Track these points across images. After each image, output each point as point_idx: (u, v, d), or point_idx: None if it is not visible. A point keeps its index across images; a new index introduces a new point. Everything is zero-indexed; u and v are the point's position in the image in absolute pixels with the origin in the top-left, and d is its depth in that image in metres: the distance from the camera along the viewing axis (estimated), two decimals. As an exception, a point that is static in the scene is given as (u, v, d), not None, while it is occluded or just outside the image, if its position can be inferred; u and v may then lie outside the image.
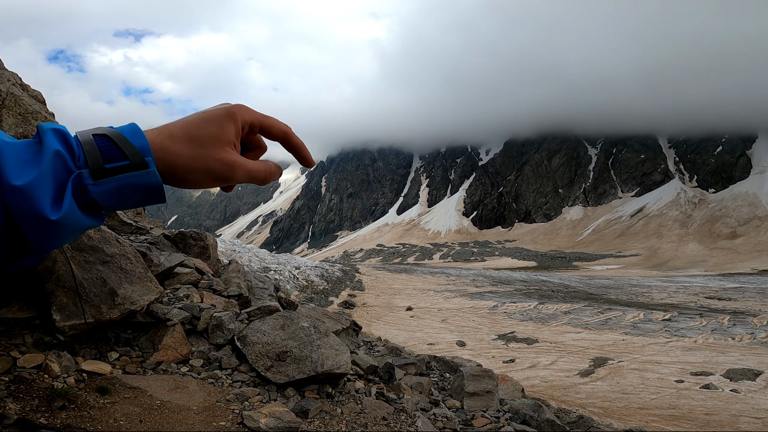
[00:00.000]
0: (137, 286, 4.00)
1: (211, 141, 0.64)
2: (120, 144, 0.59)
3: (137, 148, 0.59)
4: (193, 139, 0.63)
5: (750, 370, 14.16)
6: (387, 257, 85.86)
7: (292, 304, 7.43)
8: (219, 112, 0.66)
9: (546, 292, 32.47)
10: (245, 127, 0.68)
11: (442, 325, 22.26)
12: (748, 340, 18.50)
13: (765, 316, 22.92)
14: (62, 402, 2.56)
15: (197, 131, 0.64)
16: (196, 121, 0.65)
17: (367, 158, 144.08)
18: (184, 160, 0.62)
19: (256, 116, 0.69)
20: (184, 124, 0.65)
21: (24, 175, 0.52)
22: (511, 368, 15.05)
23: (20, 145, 0.55)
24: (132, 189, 0.59)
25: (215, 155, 0.64)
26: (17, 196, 0.51)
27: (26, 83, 5.56)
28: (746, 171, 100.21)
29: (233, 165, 0.65)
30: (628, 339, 19.14)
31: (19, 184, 0.51)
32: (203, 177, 0.64)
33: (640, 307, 26.15)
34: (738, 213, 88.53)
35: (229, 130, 0.65)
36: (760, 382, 13.24)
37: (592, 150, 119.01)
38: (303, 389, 4.03)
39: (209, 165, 0.63)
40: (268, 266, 28.22)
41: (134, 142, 0.60)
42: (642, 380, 13.63)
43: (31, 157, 0.54)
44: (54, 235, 0.54)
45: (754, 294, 31.59)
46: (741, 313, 24.07)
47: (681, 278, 45.48)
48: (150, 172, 0.59)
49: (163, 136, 0.63)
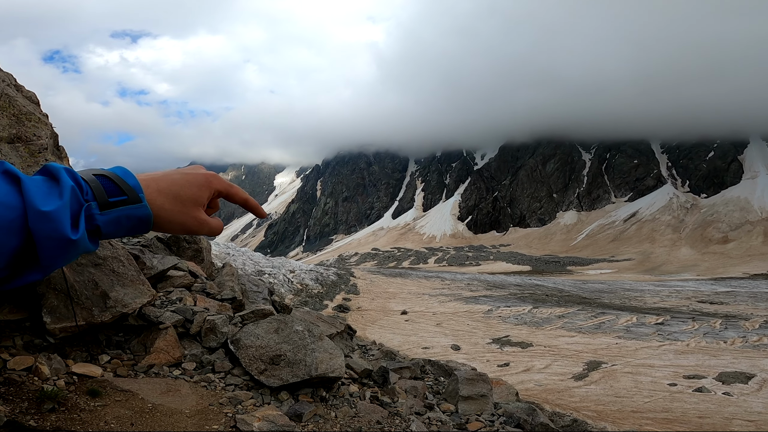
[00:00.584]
0: (129, 288, 3.97)
1: (190, 202, 0.81)
2: (118, 182, 0.73)
3: (131, 186, 0.74)
4: (177, 197, 0.79)
5: (742, 373, 14.26)
6: (382, 261, 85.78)
7: (286, 307, 7.40)
8: (199, 178, 0.83)
9: (540, 296, 32.56)
10: (215, 193, 0.85)
11: (436, 329, 22.24)
12: (740, 344, 18.64)
13: (757, 319, 23.12)
14: (52, 404, 2.53)
15: (180, 191, 0.80)
16: (180, 182, 0.81)
17: (363, 162, 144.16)
18: (167, 213, 0.78)
19: (225, 185, 0.86)
20: (171, 182, 0.80)
21: (49, 204, 0.64)
22: (506, 372, 15.05)
23: (38, 180, 0.67)
24: (128, 219, 0.73)
25: (191, 213, 0.81)
26: (44, 220, 0.63)
27: (21, 84, 5.52)
28: (738, 176, 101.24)
29: (203, 223, 0.83)
30: (621, 343, 19.23)
31: (47, 209, 0.63)
32: (178, 227, 0.80)
33: (633, 311, 26.28)
34: (729, 218, 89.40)
35: (205, 194, 0.82)
36: (753, 385, 13.33)
37: (586, 155, 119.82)
38: (297, 393, 4.00)
39: (185, 220, 0.80)
40: (262, 269, 28.09)
41: (128, 181, 0.74)
42: (635, 384, 13.68)
43: (49, 190, 0.66)
44: (68, 254, 0.66)
45: (746, 298, 31.87)
46: (733, 317, 24.27)
47: (673, 282, 45.82)
48: (143, 205, 0.74)
49: (152, 189, 0.77)
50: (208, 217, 0.84)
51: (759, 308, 27.81)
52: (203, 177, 0.83)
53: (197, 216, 0.81)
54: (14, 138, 4.83)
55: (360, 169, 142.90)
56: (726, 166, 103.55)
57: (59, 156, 5.51)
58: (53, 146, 5.34)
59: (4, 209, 0.61)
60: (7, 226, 0.61)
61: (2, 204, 0.61)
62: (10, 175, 0.65)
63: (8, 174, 0.65)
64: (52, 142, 5.31)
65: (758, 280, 48.32)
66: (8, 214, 0.61)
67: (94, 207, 0.70)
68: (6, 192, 0.62)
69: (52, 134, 5.32)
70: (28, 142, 4.90)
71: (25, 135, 4.88)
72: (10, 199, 0.62)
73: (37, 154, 4.95)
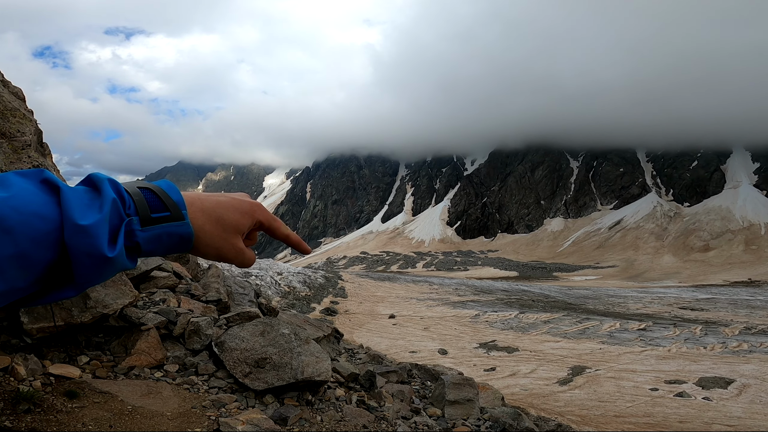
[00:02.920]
0: (111, 289, 3.89)
1: (232, 228, 0.75)
2: (161, 197, 0.69)
3: (175, 202, 0.69)
4: (219, 220, 0.74)
5: (722, 378, 14.52)
6: (370, 265, 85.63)
7: (272, 310, 7.33)
8: (245, 205, 0.78)
9: (527, 301, 32.81)
10: (257, 224, 0.80)
11: (424, 333, 22.25)
12: (719, 350, 18.99)
13: (736, 326, 23.59)
14: (27, 405, 2.45)
15: (224, 214, 0.75)
16: (225, 204, 0.76)
17: (353, 165, 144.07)
18: (206, 236, 0.73)
19: (268, 217, 0.81)
20: (216, 204, 0.75)
21: (88, 217, 0.59)
22: (492, 376, 15.11)
23: (80, 190, 0.63)
24: (169, 237, 0.68)
25: (230, 239, 0.75)
26: (81, 234, 0.58)
27: (8, 79, 5.41)
28: (720, 185, 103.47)
29: (239, 252, 0.77)
30: (605, 348, 19.45)
31: (85, 223, 0.59)
32: (213, 252, 0.75)
33: (616, 317, 26.62)
34: (711, 227, 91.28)
35: (247, 222, 0.77)
36: (732, 390, 13.58)
37: (573, 162, 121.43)
38: (282, 396, 3.95)
39: (223, 246, 0.75)
40: (249, 271, 27.82)
41: (172, 196, 0.70)
42: (618, 388, 13.84)
43: (90, 202, 0.62)
44: (104, 271, 0.61)
45: (726, 305, 32.51)
46: (713, 323, 24.73)
47: (656, 289, 46.58)
48: (185, 223, 0.69)
49: (196, 208, 0.72)
50: (245, 247, 0.78)
51: (739, 315, 28.39)
52: (249, 204, 0.78)
53: (236, 243, 0.76)
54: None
55: (350, 172, 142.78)
56: (709, 175, 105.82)
57: (42, 153, 5.39)
58: (37, 143, 5.23)
59: (39, 221, 0.57)
60: (42, 239, 0.57)
61: (37, 215, 0.57)
62: (50, 184, 0.61)
63: (47, 183, 0.61)
64: (36, 138, 5.20)
65: (738, 288, 49.38)
66: (44, 226, 0.57)
67: (135, 222, 0.65)
68: (43, 202, 0.58)
69: (36, 131, 5.21)
70: (12, 138, 4.79)
71: (9, 131, 4.77)
72: (46, 211, 0.58)
73: (20, 151, 4.84)
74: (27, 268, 0.57)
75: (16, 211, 0.56)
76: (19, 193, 0.57)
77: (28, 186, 0.59)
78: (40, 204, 0.58)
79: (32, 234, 0.56)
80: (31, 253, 0.56)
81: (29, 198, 0.58)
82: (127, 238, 0.64)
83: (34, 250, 0.56)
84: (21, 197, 0.57)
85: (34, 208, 0.57)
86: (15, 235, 0.55)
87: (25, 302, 0.62)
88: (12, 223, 0.55)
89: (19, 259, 0.55)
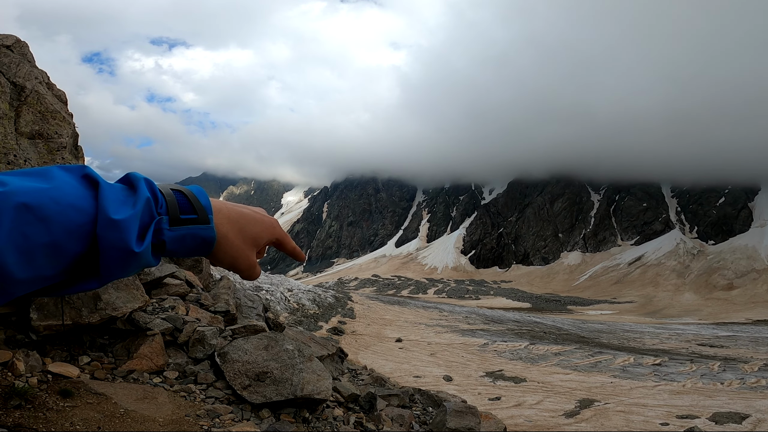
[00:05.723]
0: (122, 292, 3.96)
1: (251, 240, 0.78)
2: (191, 200, 0.72)
3: (203, 206, 0.73)
4: (242, 230, 0.77)
5: (737, 413, 13.82)
6: (381, 288, 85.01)
7: (279, 325, 7.33)
8: (267, 220, 0.81)
9: (538, 333, 31.99)
10: (272, 239, 0.83)
11: (430, 359, 21.82)
12: (737, 385, 18.11)
13: (756, 362, 22.52)
14: (19, 401, 2.48)
15: (247, 226, 0.78)
16: (248, 216, 0.79)
17: (371, 188, 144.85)
18: (226, 243, 0.75)
19: (283, 235, 0.85)
20: (240, 215, 0.78)
21: (121, 212, 0.62)
22: (496, 406, 14.67)
23: (117, 187, 0.66)
24: (192, 239, 0.71)
25: (246, 251, 0.78)
26: (113, 227, 0.61)
27: (53, 82, 5.64)
28: (747, 224, 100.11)
29: (252, 266, 0.79)
30: (616, 381, 18.74)
31: (117, 218, 0.61)
32: (228, 261, 0.77)
33: (631, 351, 25.71)
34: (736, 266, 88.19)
35: (265, 237, 0.81)
36: (746, 425, 12.90)
37: (595, 195, 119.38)
38: (279, 412, 3.92)
39: (239, 256, 0.77)
40: (260, 285, 27.94)
41: (201, 201, 0.73)
42: (627, 422, 13.29)
43: (125, 198, 0.65)
44: (128, 266, 0.64)
45: (747, 342, 31.12)
46: (732, 360, 23.66)
47: (674, 326, 44.91)
48: (210, 227, 0.72)
49: (222, 215, 0.75)
50: (256, 261, 0.81)
51: (759, 352, 27.11)
52: (270, 220, 0.82)
53: (250, 256, 0.78)
54: (35, 134, 4.91)
55: (368, 194, 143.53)
56: (736, 213, 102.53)
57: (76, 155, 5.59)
58: (72, 145, 5.43)
59: (75, 213, 0.59)
60: (75, 231, 0.59)
61: (74, 207, 0.60)
62: (90, 179, 0.64)
63: (88, 178, 0.64)
64: (72, 141, 5.40)
65: (761, 326, 47.24)
66: (79, 218, 0.60)
67: (165, 221, 0.68)
68: (81, 196, 0.61)
69: (73, 133, 5.42)
70: (49, 140, 4.99)
71: (47, 132, 4.98)
72: (83, 204, 0.61)
73: (55, 152, 5.04)
74: (57, 257, 0.59)
75: (55, 201, 0.58)
76: (60, 186, 0.60)
77: (69, 180, 0.62)
78: (78, 197, 0.61)
79: (67, 224, 0.59)
80: (63, 243, 0.58)
81: (69, 190, 0.60)
82: (155, 236, 0.67)
83: (66, 241, 0.59)
84: (61, 189, 0.60)
85: (72, 200, 0.60)
86: (50, 224, 0.57)
87: (47, 292, 0.64)
88: (49, 212, 0.57)
89: (52, 248, 0.58)
